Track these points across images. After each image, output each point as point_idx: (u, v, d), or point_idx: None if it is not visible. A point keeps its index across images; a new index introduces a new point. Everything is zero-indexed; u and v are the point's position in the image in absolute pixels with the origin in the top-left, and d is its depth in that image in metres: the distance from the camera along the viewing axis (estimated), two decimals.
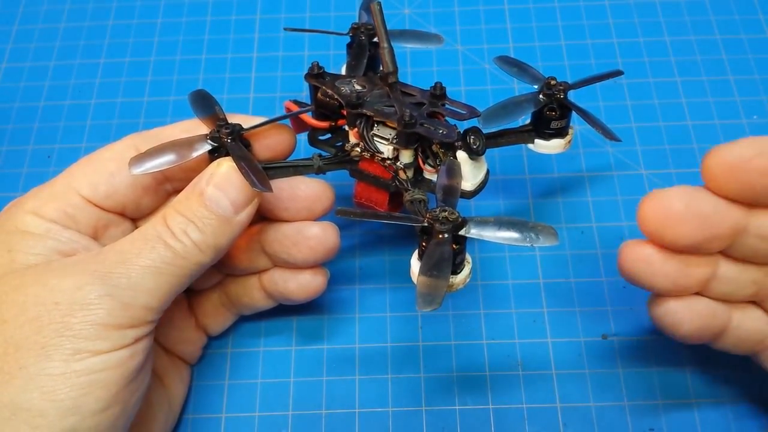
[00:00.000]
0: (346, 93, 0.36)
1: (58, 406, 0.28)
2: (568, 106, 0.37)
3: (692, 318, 0.32)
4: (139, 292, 0.30)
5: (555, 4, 0.54)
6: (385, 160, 0.36)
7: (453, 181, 0.33)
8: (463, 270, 0.32)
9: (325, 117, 0.38)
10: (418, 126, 0.34)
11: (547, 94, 0.37)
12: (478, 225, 0.31)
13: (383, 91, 0.36)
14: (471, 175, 0.35)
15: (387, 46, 0.35)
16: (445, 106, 0.36)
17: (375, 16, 0.35)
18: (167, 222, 0.32)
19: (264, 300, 0.39)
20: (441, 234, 0.30)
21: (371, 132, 0.36)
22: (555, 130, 0.38)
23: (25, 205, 0.33)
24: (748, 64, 0.50)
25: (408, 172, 0.36)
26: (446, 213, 0.31)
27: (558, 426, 0.38)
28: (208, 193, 0.32)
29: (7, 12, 0.55)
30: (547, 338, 0.40)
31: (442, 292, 0.29)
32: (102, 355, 0.29)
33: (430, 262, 0.30)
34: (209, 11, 0.55)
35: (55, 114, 0.50)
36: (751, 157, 0.29)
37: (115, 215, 0.35)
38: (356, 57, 0.39)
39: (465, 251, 0.32)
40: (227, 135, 0.33)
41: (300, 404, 0.39)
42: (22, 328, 0.29)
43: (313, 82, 0.37)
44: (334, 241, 0.36)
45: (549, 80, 0.37)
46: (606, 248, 0.43)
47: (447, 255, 0.30)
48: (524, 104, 0.37)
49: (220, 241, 0.32)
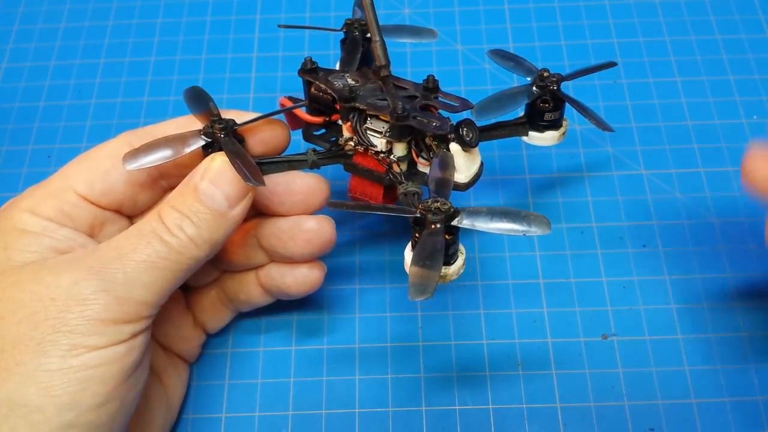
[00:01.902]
0: (338, 87, 0.36)
1: (56, 402, 0.28)
2: (561, 98, 0.38)
3: None
4: (134, 287, 0.30)
5: (555, 4, 0.54)
6: (378, 153, 0.36)
7: (445, 174, 0.33)
8: (457, 261, 0.32)
9: (319, 112, 0.38)
10: (410, 119, 0.34)
11: (540, 86, 0.37)
12: (471, 215, 0.31)
13: (376, 85, 0.36)
14: (465, 167, 0.35)
15: (379, 40, 0.36)
16: (438, 98, 0.36)
17: (366, 10, 0.35)
18: (162, 217, 0.32)
19: (262, 296, 0.39)
20: (433, 224, 0.31)
21: (364, 125, 0.36)
22: (549, 122, 0.38)
23: (21, 204, 0.33)
24: (748, 64, 0.50)
25: (402, 165, 0.36)
26: (438, 204, 0.31)
27: (558, 426, 0.38)
28: (202, 188, 0.32)
29: (7, 12, 0.55)
30: (547, 338, 0.40)
31: (434, 282, 0.29)
32: (99, 351, 0.29)
33: (422, 252, 0.30)
34: (209, 11, 0.55)
35: (55, 114, 0.50)
36: None
37: (111, 213, 0.35)
38: (350, 52, 0.40)
39: (458, 242, 0.32)
40: (220, 130, 0.34)
41: (300, 404, 0.39)
42: (19, 324, 0.29)
43: (307, 77, 0.37)
44: (330, 234, 0.36)
45: (542, 72, 0.38)
46: (606, 248, 0.43)
47: (439, 245, 0.30)
48: (517, 96, 0.37)
49: (215, 236, 0.32)
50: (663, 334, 0.40)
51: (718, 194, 0.45)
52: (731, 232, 0.43)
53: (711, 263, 0.42)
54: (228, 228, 0.33)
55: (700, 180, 0.45)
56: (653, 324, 0.40)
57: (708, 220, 0.44)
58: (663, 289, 0.42)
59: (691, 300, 0.41)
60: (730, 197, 0.45)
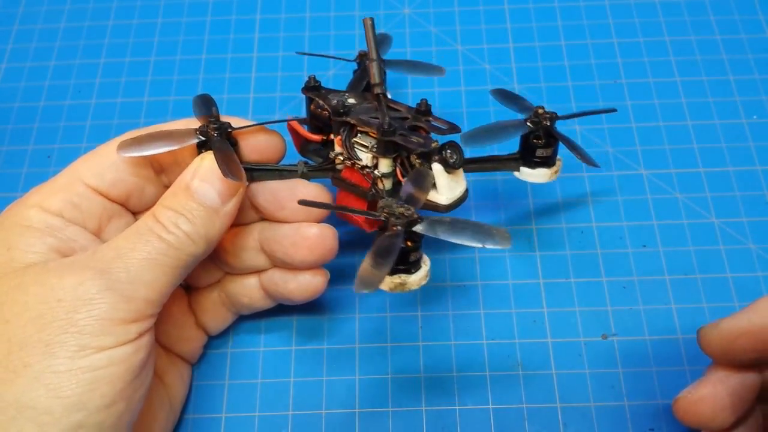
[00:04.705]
0: (333, 103, 0.37)
1: (64, 403, 0.28)
2: (554, 135, 0.38)
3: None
4: (138, 284, 0.30)
5: (555, 4, 0.54)
6: (364, 168, 0.36)
7: (417, 191, 0.34)
8: (419, 270, 0.33)
9: (319, 130, 0.39)
10: (396, 135, 0.35)
11: (534, 122, 0.37)
12: (432, 223, 0.32)
13: (372, 106, 0.37)
14: (447, 188, 0.36)
15: (375, 59, 0.37)
16: (429, 121, 0.37)
17: (367, 31, 0.37)
18: (157, 217, 0.32)
19: (263, 300, 0.39)
20: (394, 227, 0.31)
21: (353, 139, 0.36)
22: (541, 159, 0.38)
23: (28, 200, 0.33)
24: (748, 64, 0.50)
25: (386, 183, 0.37)
26: (403, 209, 0.32)
27: (558, 426, 0.38)
28: (194, 185, 0.33)
29: (7, 12, 0.55)
30: (547, 338, 0.40)
31: (379, 280, 0.30)
32: (107, 351, 0.29)
33: (376, 249, 0.31)
34: (209, 11, 0.55)
35: (55, 114, 0.50)
36: (735, 339, 0.31)
37: (119, 206, 0.35)
38: (358, 79, 0.42)
39: (421, 250, 0.33)
40: (214, 130, 0.34)
41: (300, 404, 0.39)
42: (25, 326, 0.29)
43: (309, 95, 0.38)
44: (331, 242, 0.36)
45: (537, 109, 0.38)
46: (606, 248, 0.43)
47: (393, 247, 0.30)
48: (509, 129, 0.37)
49: (211, 231, 0.33)
50: (663, 334, 0.40)
51: (718, 194, 0.45)
52: (731, 233, 0.43)
53: (711, 263, 0.42)
54: (222, 223, 0.33)
55: (700, 180, 0.45)
56: (653, 324, 0.40)
57: (708, 220, 0.44)
58: (663, 289, 0.42)
59: (690, 300, 0.41)
60: (730, 197, 0.45)
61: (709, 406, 0.32)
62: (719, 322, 0.32)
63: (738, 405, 0.32)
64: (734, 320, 0.31)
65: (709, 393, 0.32)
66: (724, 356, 0.32)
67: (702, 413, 0.32)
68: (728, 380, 0.32)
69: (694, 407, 0.32)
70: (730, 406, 0.31)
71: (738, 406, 0.32)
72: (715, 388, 0.32)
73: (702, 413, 0.32)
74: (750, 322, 0.31)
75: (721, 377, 0.32)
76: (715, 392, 0.32)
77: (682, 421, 0.33)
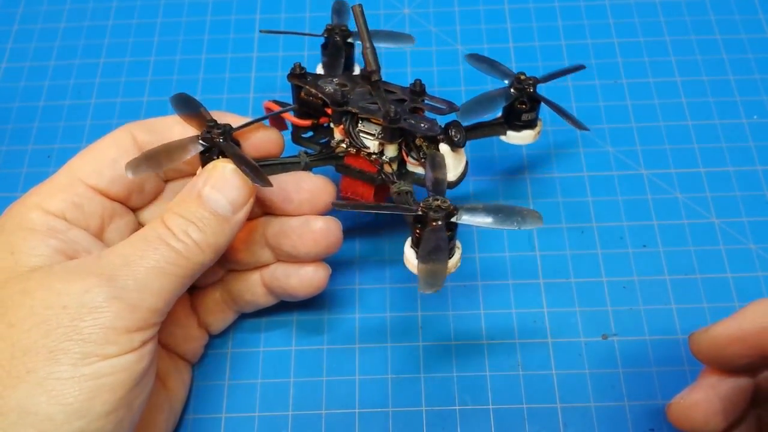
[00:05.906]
0: (330, 92, 0.37)
1: (66, 410, 0.28)
2: (538, 99, 0.39)
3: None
4: (145, 293, 0.30)
5: (555, 4, 0.54)
6: (371, 155, 0.37)
7: (438, 173, 0.35)
8: (454, 255, 0.34)
9: (307, 115, 0.39)
10: (402, 121, 0.35)
11: (518, 88, 0.39)
12: (469, 211, 0.33)
13: (365, 89, 0.38)
14: (453, 166, 0.37)
15: (369, 46, 0.37)
16: (425, 101, 0.38)
17: (357, 18, 0.37)
18: (167, 224, 0.32)
19: (265, 296, 0.39)
20: (435, 221, 0.32)
21: (357, 128, 0.37)
22: (525, 122, 0.40)
23: (28, 201, 0.33)
24: (748, 64, 0.50)
25: (393, 166, 0.37)
26: (438, 202, 0.33)
27: (558, 426, 0.38)
28: (206, 193, 0.32)
29: (7, 12, 0.55)
30: (547, 338, 0.40)
31: (442, 276, 0.31)
32: (110, 359, 0.29)
33: (427, 248, 0.31)
34: (209, 11, 0.55)
35: (55, 114, 0.50)
36: (726, 344, 0.31)
37: (119, 205, 0.35)
38: (333, 57, 0.41)
39: (456, 237, 0.33)
40: (219, 135, 0.34)
41: (300, 404, 0.39)
42: (30, 332, 0.28)
43: (296, 83, 0.38)
44: (337, 235, 0.37)
45: (519, 75, 0.39)
46: (606, 248, 0.43)
47: (442, 241, 0.31)
48: (497, 98, 0.39)
49: (220, 240, 0.33)
50: (663, 334, 0.40)
51: (718, 194, 0.45)
52: (731, 233, 0.43)
53: (711, 263, 0.42)
54: (232, 232, 0.33)
55: (700, 180, 0.45)
56: (653, 324, 0.40)
57: (708, 220, 0.44)
58: (663, 289, 0.42)
59: (691, 300, 0.41)
60: (730, 197, 0.45)
61: (701, 411, 0.32)
62: (710, 327, 0.32)
63: (731, 410, 0.32)
64: (724, 325, 0.31)
65: (702, 398, 0.32)
66: (716, 361, 0.32)
67: (695, 419, 0.32)
68: (720, 385, 0.32)
69: (687, 413, 0.32)
70: (722, 411, 0.31)
71: (731, 411, 0.32)
72: (707, 393, 0.32)
73: (695, 419, 0.32)
74: (740, 327, 0.31)
75: (713, 382, 0.32)
76: (708, 397, 0.32)
77: (675, 426, 0.33)
